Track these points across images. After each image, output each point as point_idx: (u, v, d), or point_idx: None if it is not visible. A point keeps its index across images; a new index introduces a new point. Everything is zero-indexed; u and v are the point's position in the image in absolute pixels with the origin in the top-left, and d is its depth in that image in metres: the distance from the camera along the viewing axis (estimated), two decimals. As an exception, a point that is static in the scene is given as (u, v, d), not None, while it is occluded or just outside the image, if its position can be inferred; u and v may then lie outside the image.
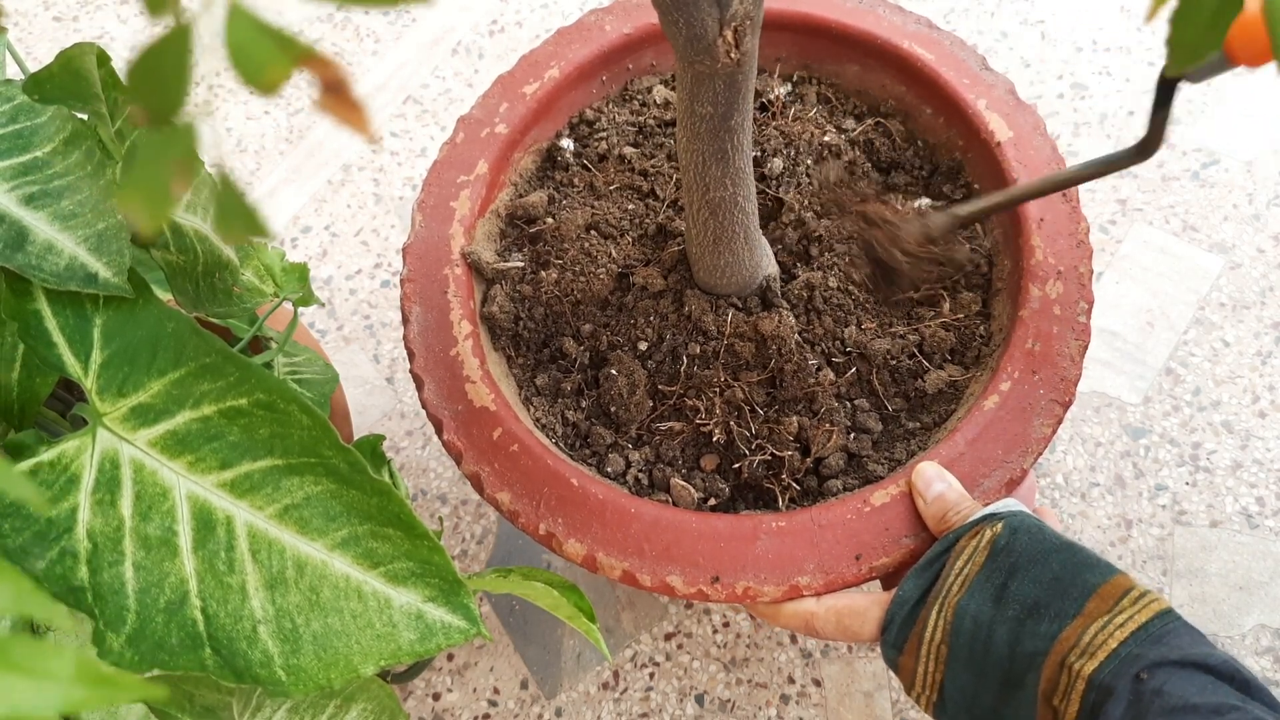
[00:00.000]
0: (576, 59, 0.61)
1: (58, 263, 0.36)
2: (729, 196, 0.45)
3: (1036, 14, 0.94)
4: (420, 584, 0.35)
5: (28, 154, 0.38)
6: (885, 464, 0.51)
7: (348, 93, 0.16)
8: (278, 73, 0.16)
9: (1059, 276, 0.51)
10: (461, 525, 0.74)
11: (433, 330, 0.52)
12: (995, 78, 0.58)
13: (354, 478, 0.35)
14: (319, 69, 0.16)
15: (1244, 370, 0.75)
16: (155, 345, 0.37)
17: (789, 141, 0.59)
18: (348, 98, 0.16)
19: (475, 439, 0.49)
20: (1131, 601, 0.37)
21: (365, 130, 0.16)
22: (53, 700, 0.14)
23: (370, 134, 0.17)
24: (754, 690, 0.67)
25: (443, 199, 0.56)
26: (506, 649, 0.69)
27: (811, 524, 0.46)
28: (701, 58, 0.38)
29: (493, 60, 0.97)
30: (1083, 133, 0.87)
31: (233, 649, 0.33)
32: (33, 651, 0.14)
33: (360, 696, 0.42)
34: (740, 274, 0.51)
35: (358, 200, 0.89)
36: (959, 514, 0.43)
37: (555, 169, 0.62)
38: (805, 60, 0.63)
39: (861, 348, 0.52)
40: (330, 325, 0.83)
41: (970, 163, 0.58)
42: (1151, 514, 0.71)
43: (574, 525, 0.46)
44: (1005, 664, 0.38)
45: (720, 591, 0.44)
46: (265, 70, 0.16)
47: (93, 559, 0.33)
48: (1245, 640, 0.66)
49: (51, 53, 0.99)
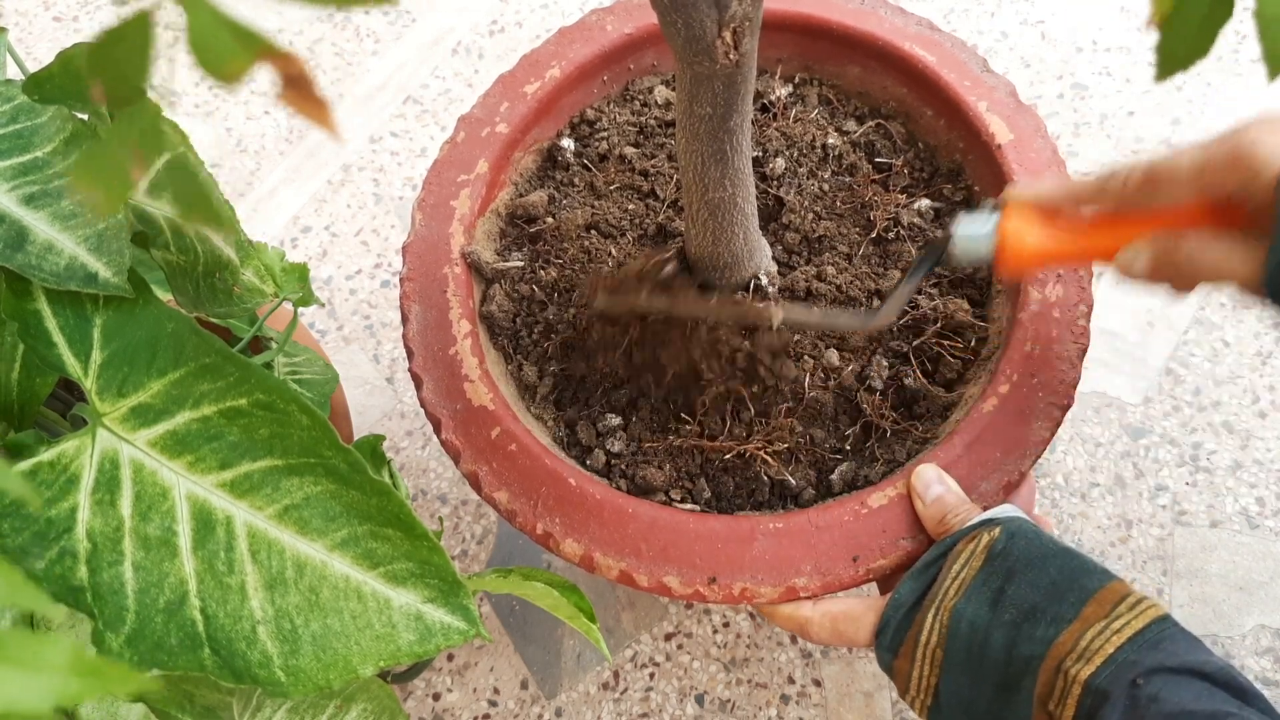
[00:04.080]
0: (578, 59, 0.61)
1: (58, 262, 0.36)
2: (728, 197, 0.45)
3: (1036, 14, 0.94)
4: (420, 584, 0.35)
5: (28, 154, 0.38)
6: (881, 462, 0.51)
7: (310, 87, 0.17)
8: (238, 65, 0.16)
9: (1059, 279, 0.51)
10: (461, 525, 0.74)
11: (432, 329, 0.52)
12: (996, 80, 0.58)
13: (354, 478, 0.35)
14: (280, 63, 0.16)
15: (1244, 370, 0.75)
16: (155, 345, 0.37)
17: (791, 143, 0.59)
18: (310, 92, 0.17)
19: (473, 438, 0.49)
20: (1128, 607, 0.37)
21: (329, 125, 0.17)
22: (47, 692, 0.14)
23: (333, 128, 0.17)
24: (754, 690, 0.67)
25: (443, 198, 0.56)
26: (506, 649, 0.69)
27: (809, 525, 0.46)
28: (700, 59, 0.38)
29: (492, 60, 0.97)
30: (1083, 133, 0.87)
31: (232, 649, 0.33)
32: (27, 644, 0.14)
33: (360, 697, 0.42)
34: (740, 274, 0.51)
35: (358, 200, 0.89)
36: (957, 517, 0.43)
37: (556, 168, 0.62)
38: (807, 61, 0.63)
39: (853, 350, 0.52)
40: (330, 325, 0.83)
41: (971, 165, 0.58)
42: (1151, 514, 0.71)
43: (571, 525, 0.46)
44: (1001, 668, 0.38)
45: (717, 592, 0.44)
46: (226, 63, 0.16)
47: (92, 559, 0.33)
48: (1245, 640, 0.66)
49: (51, 53, 0.99)
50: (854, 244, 0.56)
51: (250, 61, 0.16)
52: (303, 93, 0.17)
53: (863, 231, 0.56)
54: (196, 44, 0.16)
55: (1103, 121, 0.88)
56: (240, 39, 0.16)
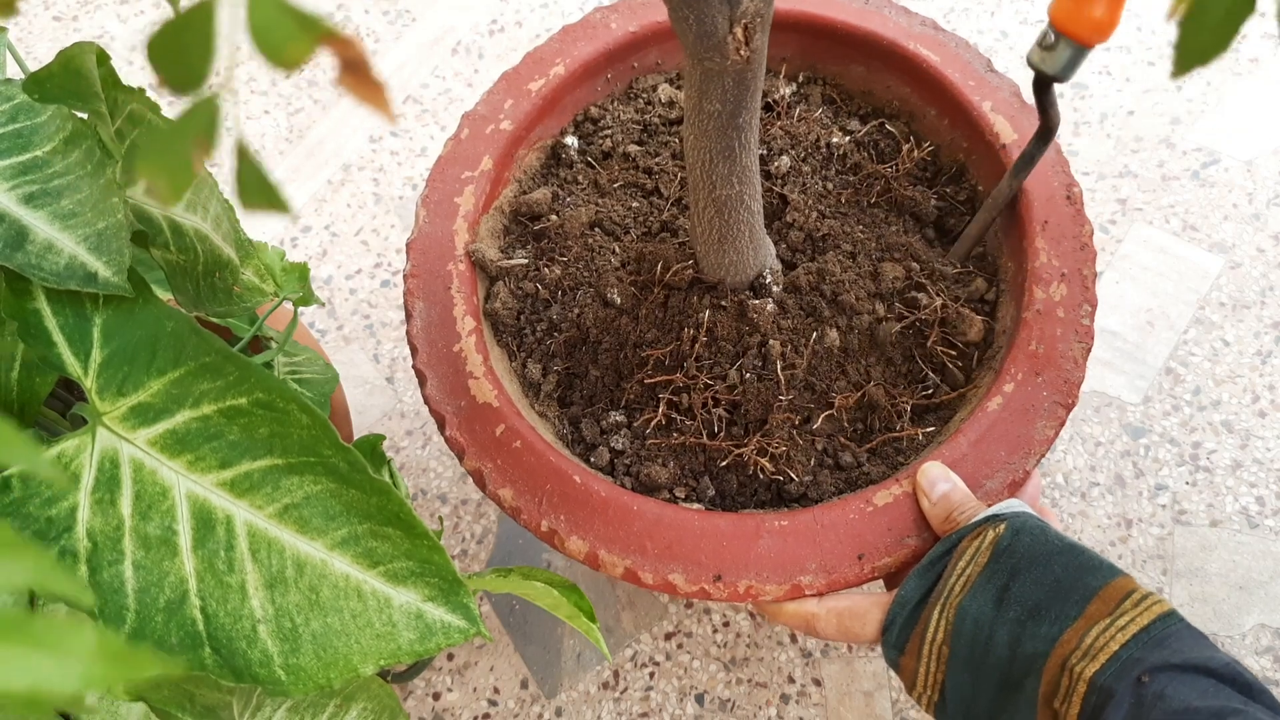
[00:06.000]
0: (582, 56, 0.61)
1: (57, 262, 0.36)
2: (735, 194, 0.45)
3: (1036, 14, 0.94)
4: (420, 583, 0.35)
5: (27, 153, 0.37)
6: (883, 461, 0.51)
7: (367, 72, 0.17)
8: (299, 51, 0.16)
9: (1063, 279, 0.51)
10: (461, 525, 0.74)
11: (436, 326, 0.52)
12: (1000, 79, 0.58)
13: (354, 477, 0.35)
14: (340, 48, 0.16)
15: (1244, 370, 0.75)
16: (155, 344, 0.36)
17: (795, 142, 0.59)
18: (368, 76, 0.17)
19: (478, 435, 0.49)
20: (1133, 604, 0.37)
21: (386, 109, 0.17)
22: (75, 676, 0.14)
23: (390, 113, 0.17)
24: (754, 690, 0.67)
25: (447, 194, 0.56)
26: (506, 648, 0.69)
27: (814, 523, 0.45)
28: (711, 55, 0.38)
29: (493, 60, 0.96)
30: (1083, 132, 0.87)
31: (232, 648, 0.33)
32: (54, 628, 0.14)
33: (360, 696, 0.42)
34: (745, 272, 0.51)
35: (358, 200, 0.89)
36: (963, 514, 0.43)
37: (560, 166, 0.62)
38: (811, 61, 0.63)
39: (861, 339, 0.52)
40: (330, 325, 0.83)
41: (975, 165, 0.58)
42: (1151, 513, 0.71)
43: (576, 522, 0.46)
44: (1006, 665, 0.38)
45: (722, 590, 0.44)
46: (286, 48, 0.16)
47: (92, 558, 0.33)
48: (1245, 640, 0.66)
49: (51, 52, 0.99)
50: (857, 242, 0.55)
51: (312, 46, 0.16)
52: (360, 77, 0.17)
53: (866, 230, 0.56)
54: (258, 29, 0.16)
55: (1103, 121, 0.87)
56: (301, 24, 0.16)
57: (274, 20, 0.16)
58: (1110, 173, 0.85)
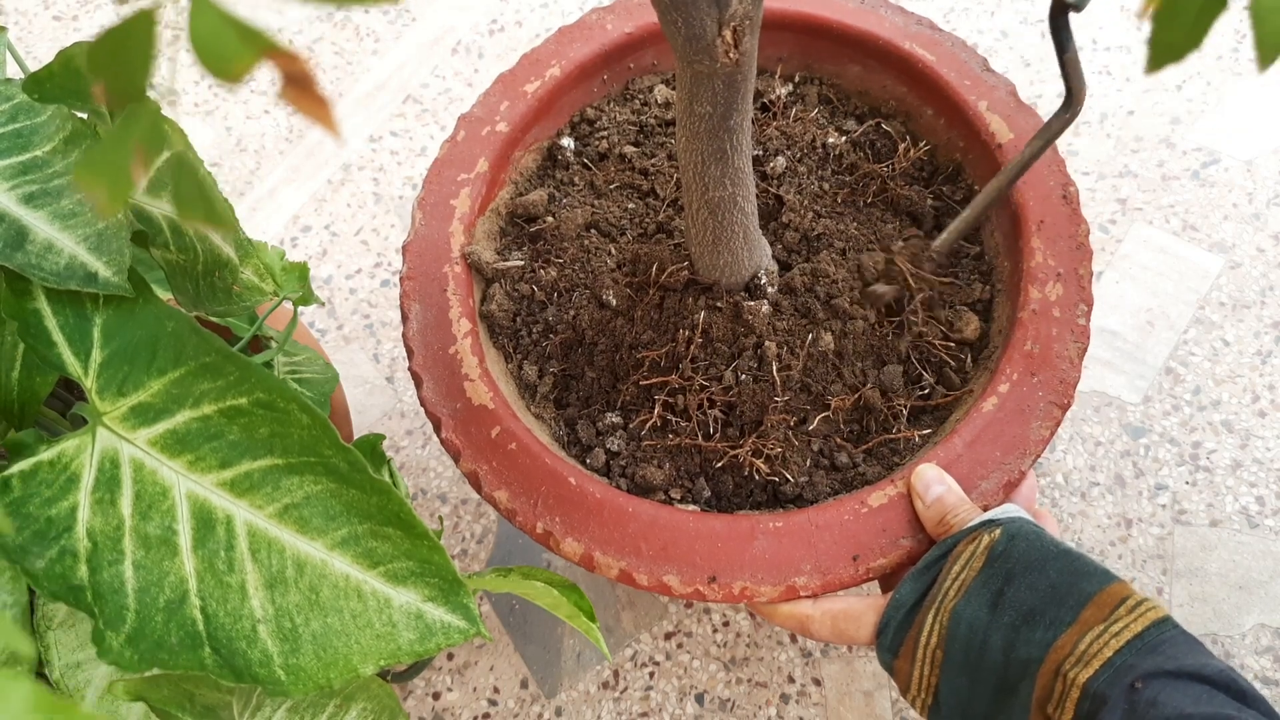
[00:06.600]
0: (578, 58, 0.61)
1: (57, 262, 0.36)
2: (728, 196, 0.45)
3: (1036, 13, 0.94)
4: (420, 583, 0.35)
5: (27, 153, 0.38)
6: (879, 462, 0.51)
7: (311, 86, 0.16)
8: (242, 65, 0.16)
9: (1059, 279, 0.51)
10: (461, 525, 0.74)
11: (432, 328, 0.52)
12: (997, 79, 0.58)
13: (354, 477, 0.35)
14: (283, 62, 0.16)
15: (1244, 369, 0.75)
16: (155, 344, 0.37)
17: (791, 142, 0.59)
18: (312, 91, 0.16)
19: (473, 437, 0.49)
20: (1128, 610, 0.37)
21: (329, 123, 0.16)
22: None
23: (334, 127, 0.17)
24: (754, 689, 0.67)
25: (443, 197, 0.56)
26: (506, 648, 0.69)
27: (809, 524, 0.46)
28: (700, 57, 0.38)
29: (492, 60, 0.97)
30: (1083, 132, 0.87)
31: (232, 648, 0.33)
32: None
33: (360, 696, 0.42)
34: (740, 273, 0.51)
35: (358, 200, 0.89)
36: (958, 517, 0.43)
37: (556, 167, 0.62)
38: (807, 61, 0.63)
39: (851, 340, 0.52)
40: (330, 325, 0.83)
41: (971, 164, 0.58)
42: (1151, 513, 0.71)
43: (571, 524, 0.46)
44: (1000, 670, 0.38)
45: (717, 591, 0.44)
46: (230, 63, 0.16)
47: (92, 558, 0.33)
48: (1245, 640, 0.66)
49: (51, 52, 0.99)
50: (852, 241, 0.56)
51: (254, 60, 0.16)
52: (304, 91, 0.16)
53: (862, 229, 0.56)
54: (199, 43, 0.16)
55: (1103, 121, 0.87)
56: (244, 38, 0.16)
57: (216, 33, 0.16)
58: (1110, 172, 0.85)
